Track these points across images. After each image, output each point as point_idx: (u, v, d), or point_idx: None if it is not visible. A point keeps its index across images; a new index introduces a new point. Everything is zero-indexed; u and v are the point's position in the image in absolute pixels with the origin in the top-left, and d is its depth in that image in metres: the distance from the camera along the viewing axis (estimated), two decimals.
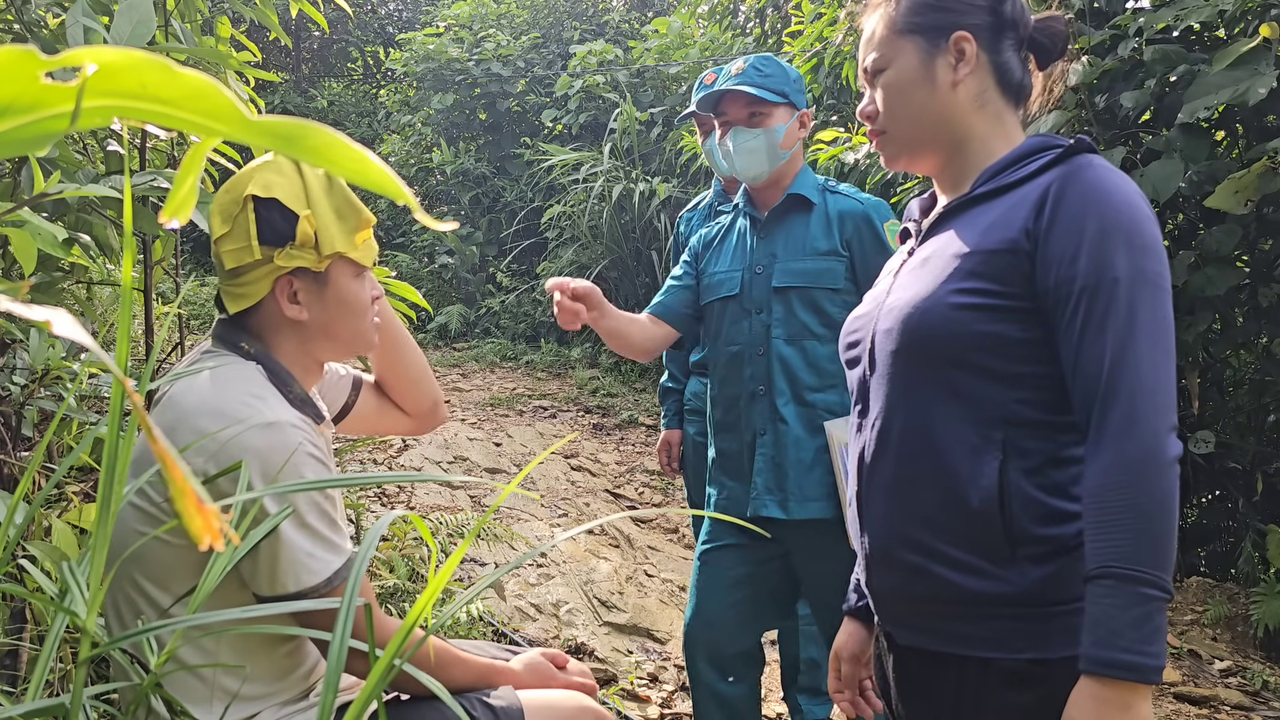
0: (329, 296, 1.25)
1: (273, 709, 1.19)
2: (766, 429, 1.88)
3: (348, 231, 1.24)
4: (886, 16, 1.16)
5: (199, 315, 7.09)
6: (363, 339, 1.31)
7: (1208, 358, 3.74)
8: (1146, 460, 0.92)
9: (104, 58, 0.31)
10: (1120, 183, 1.01)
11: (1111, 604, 0.90)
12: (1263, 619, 3.38)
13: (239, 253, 1.20)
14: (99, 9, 1.73)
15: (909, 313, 1.08)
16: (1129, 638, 0.89)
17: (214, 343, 1.26)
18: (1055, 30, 1.16)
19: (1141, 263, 0.97)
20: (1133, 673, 0.89)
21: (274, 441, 1.11)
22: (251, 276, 1.21)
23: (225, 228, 1.21)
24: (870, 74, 1.18)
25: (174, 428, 1.13)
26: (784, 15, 7.03)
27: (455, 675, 1.27)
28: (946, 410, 1.05)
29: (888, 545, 1.12)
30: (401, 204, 0.36)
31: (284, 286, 1.23)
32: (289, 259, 1.20)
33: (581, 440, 5.89)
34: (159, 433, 0.34)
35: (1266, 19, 2.87)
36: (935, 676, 1.10)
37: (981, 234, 1.06)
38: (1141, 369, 0.94)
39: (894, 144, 1.18)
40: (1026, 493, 1.01)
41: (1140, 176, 2.99)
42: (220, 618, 0.88)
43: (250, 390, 1.17)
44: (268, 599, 1.13)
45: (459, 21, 11.09)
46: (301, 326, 1.25)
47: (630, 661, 3.02)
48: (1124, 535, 0.91)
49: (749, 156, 1.91)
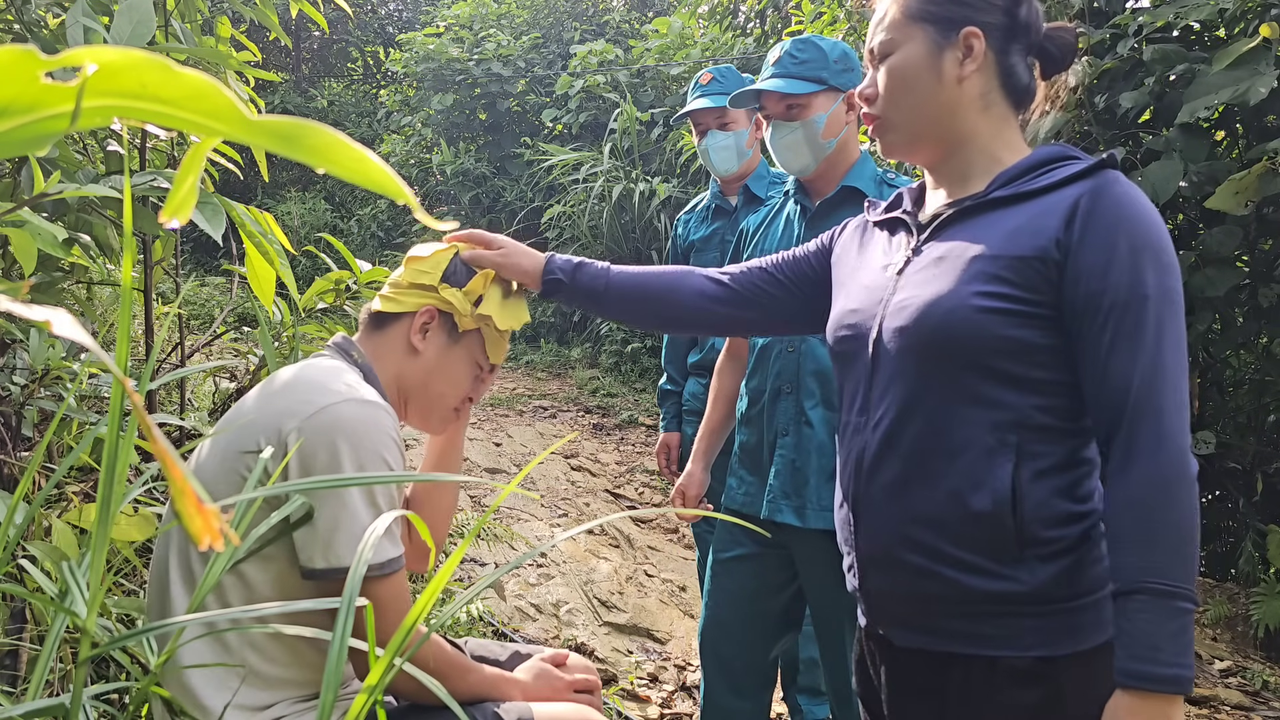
0: (448, 353, 1.41)
1: (287, 703, 1.19)
2: (789, 429, 1.81)
3: (506, 316, 1.44)
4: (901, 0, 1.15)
5: (199, 315, 7.09)
6: (438, 411, 1.44)
7: (1208, 358, 3.74)
8: (1175, 477, 0.94)
9: (104, 58, 0.31)
10: (1145, 202, 1.03)
11: (1150, 619, 0.92)
12: (1263, 619, 3.38)
13: (421, 276, 1.39)
14: (99, 9, 1.73)
15: (928, 312, 1.06)
16: (1169, 651, 0.91)
17: (329, 350, 1.37)
18: (1065, 41, 1.15)
19: (1167, 281, 0.99)
20: (1173, 685, 0.91)
21: (368, 416, 1.17)
22: (412, 291, 1.39)
23: (426, 255, 1.41)
24: (876, 56, 1.17)
25: (277, 393, 1.21)
26: (784, 15, 7.03)
27: (470, 683, 1.28)
28: (961, 412, 1.04)
29: (888, 546, 1.10)
30: (402, 204, 0.36)
31: (426, 315, 1.39)
32: (449, 295, 1.39)
33: (581, 440, 5.89)
34: (158, 433, 0.34)
35: (1266, 19, 2.87)
36: (936, 677, 1.09)
37: (1006, 238, 1.05)
38: (1171, 387, 0.96)
39: (893, 131, 1.17)
40: (1038, 496, 1.02)
41: (1140, 177, 2.99)
42: (230, 614, 0.88)
43: (356, 379, 1.27)
44: (318, 572, 1.13)
45: (459, 22, 11.09)
46: (410, 361, 1.39)
47: (630, 661, 3.02)
48: (1157, 551, 0.93)
49: (788, 152, 1.84)
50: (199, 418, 2.26)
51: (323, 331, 2.18)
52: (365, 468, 1.14)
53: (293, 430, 1.14)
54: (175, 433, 2.13)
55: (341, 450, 1.13)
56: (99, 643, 0.78)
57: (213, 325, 3.15)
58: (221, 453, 1.20)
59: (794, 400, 1.81)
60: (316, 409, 1.15)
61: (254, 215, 1.66)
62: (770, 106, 1.86)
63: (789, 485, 1.80)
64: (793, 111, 1.81)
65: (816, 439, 1.78)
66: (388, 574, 1.16)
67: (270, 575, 1.16)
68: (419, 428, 1.46)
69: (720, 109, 2.46)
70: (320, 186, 12.11)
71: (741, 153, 2.50)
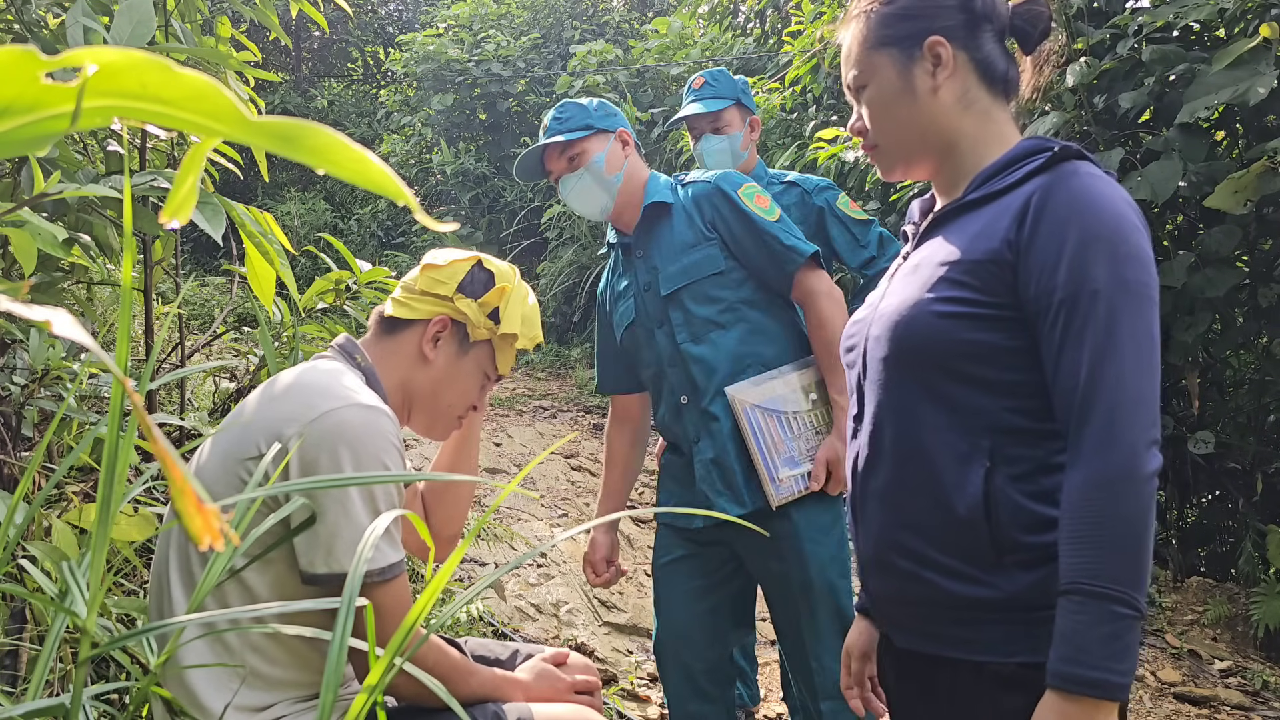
0: (458, 363, 1.41)
1: (287, 703, 1.20)
2: (699, 435, 1.85)
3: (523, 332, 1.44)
4: (859, 33, 1.15)
5: (199, 315, 7.08)
6: (444, 420, 1.45)
7: (1208, 358, 3.74)
8: (1122, 477, 0.91)
9: (104, 58, 0.32)
10: (1106, 190, 0.99)
11: (1080, 620, 0.90)
12: (1263, 619, 3.38)
13: (436, 284, 1.39)
14: (99, 9, 1.73)
15: (896, 320, 1.08)
16: (1096, 654, 0.89)
17: (331, 351, 1.36)
18: (1035, 13, 1.13)
19: (1124, 273, 0.95)
20: (1098, 689, 0.89)
21: (369, 421, 1.17)
22: (426, 299, 1.39)
23: (443, 263, 1.41)
24: (853, 90, 1.18)
25: (278, 397, 1.20)
26: (784, 15, 7.03)
27: (472, 686, 1.28)
28: (934, 418, 1.05)
29: (882, 550, 1.12)
30: (401, 204, 0.36)
31: (438, 325, 1.39)
32: (464, 306, 1.39)
33: (581, 440, 5.89)
34: (158, 433, 0.34)
35: (1266, 19, 2.87)
36: (931, 679, 1.10)
37: (968, 242, 1.05)
38: (1122, 381, 0.93)
39: (886, 156, 1.18)
40: (1014, 500, 1.01)
41: (1139, 177, 2.99)
42: (230, 614, 0.88)
43: (357, 383, 1.26)
44: (320, 577, 1.13)
45: (459, 22, 11.09)
46: (420, 369, 1.39)
47: (630, 661, 3.02)
48: (1095, 552, 0.91)
49: (584, 199, 1.91)
50: (199, 418, 2.26)
51: (323, 331, 2.19)
52: (366, 472, 1.14)
53: (293, 436, 1.14)
54: (175, 433, 2.13)
55: (342, 455, 1.13)
56: (99, 643, 0.78)
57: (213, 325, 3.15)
58: (222, 455, 1.20)
59: (694, 407, 1.86)
60: (318, 414, 1.15)
61: (254, 215, 1.66)
62: (554, 166, 1.92)
63: (719, 483, 1.83)
64: (575, 161, 1.89)
65: (725, 428, 1.82)
66: (389, 579, 1.16)
67: (268, 578, 1.16)
68: (422, 434, 1.46)
69: (714, 113, 2.48)
70: (320, 186, 12.10)
71: (737, 155, 2.51)
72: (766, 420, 1.79)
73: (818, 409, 1.83)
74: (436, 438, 1.48)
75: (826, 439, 1.81)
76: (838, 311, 1.83)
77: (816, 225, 2.48)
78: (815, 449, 1.81)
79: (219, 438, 1.23)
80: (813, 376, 1.85)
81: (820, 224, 2.47)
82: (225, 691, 1.15)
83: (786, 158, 5.24)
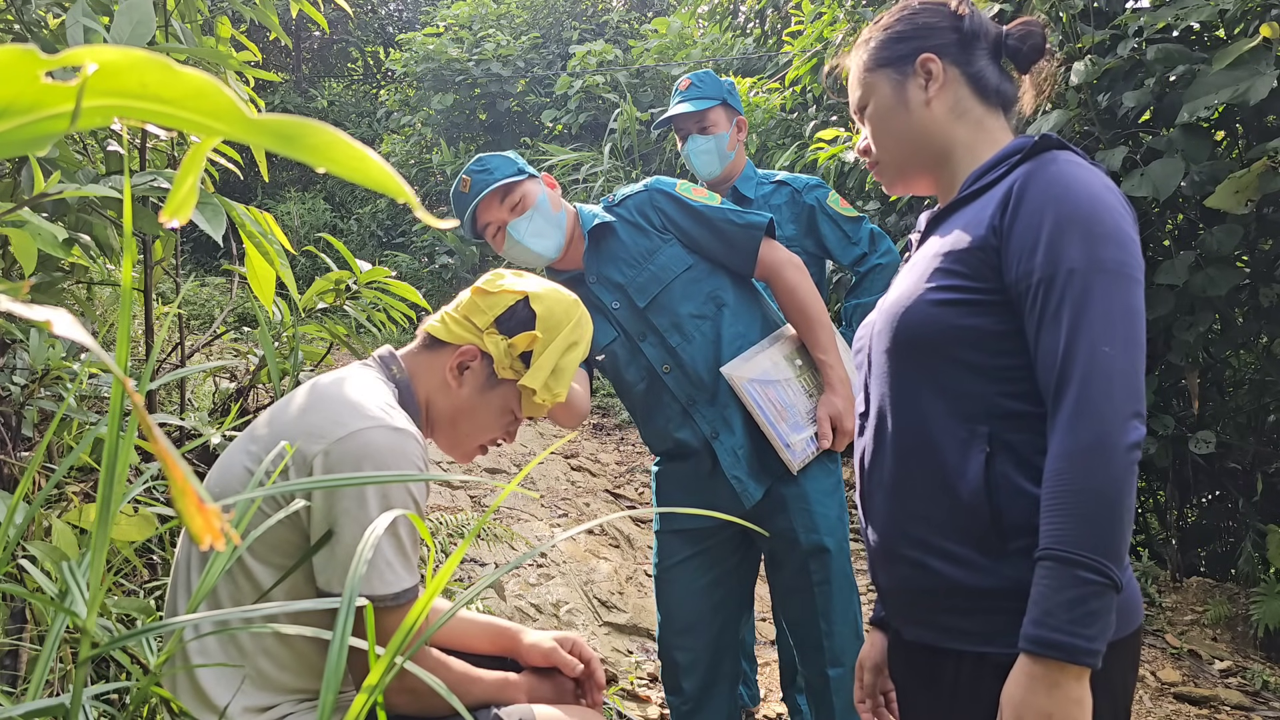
0: (482, 396, 1.38)
1: (289, 703, 1.20)
2: (717, 429, 1.87)
3: (545, 387, 1.39)
4: (859, 59, 1.24)
5: (199, 315, 7.09)
6: (462, 448, 1.42)
7: (1208, 358, 3.74)
8: (1093, 448, 0.93)
9: (104, 57, 0.31)
10: (1083, 175, 1.03)
11: (1048, 585, 0.92)
12: (1263, 619, 3.38)
13: (477, 311, 1.37)
14: (99, 9, 1.73)
15: (895, 312, 1.12)
16: (1060, 618, 0.91)
17: (373, 360, 1.36)
18: (1028, 34, 1.19)
19: (1099, 252, 0.98)
20: (1061, 652, 0.90)
21: (396, 445, 1.16)
22: (463, 325, 1.37)
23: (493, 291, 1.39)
24: (858, 112, 1.25)
25: (310, 407, 1.19)
26: (784, 15, 7.03)
27: (474, 695, 1.28)
28: (934, 406, 1.08)
29: (890, 542, 1.14)
30: (402, 202, 0.36)
31: (467, 355, 1.36)
32: (494, 343, 1.36)
33: (581, 440, 5.89)
34: (158, 433, 0.34)
35: (1266, 19, 2.86)
36: (936, 670, 1.12)
37: (959, 233, 1.09)
38: (1094, 355, 0.95)
39: (888, 171, 1.24)
40: (1015, 484, 1.03)
41: (1141, 176, 2.99)
42: (234, 614, 0.88)
43: (390, 401, 1.24)
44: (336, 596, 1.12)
45: (459, 22, 11.09)
46: (443, 393, 1.37)
47: (630, 661, 3.02)
48: (1066, 520, 0.93)
49: (537, 240, 1.89)
50: (199, 418, 2.25)
51: (322, 332, 2.18)
52: (389, 496, 1.14)
53: (319, 453, 1.13)
54: (175, 433, 2.13)
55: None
56: (99, 643, 0.78)
57: (213, 325, 3.15)
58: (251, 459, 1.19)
59: (704, 401, 1.88)
60: (346, 432, 1.15)
61: (254, 215, 1.66)
62: (493, 217, 1.89)
63: (755, 468, 1.86)
64: (519, 206, 1.87)
65: (738, 411, 1.86)
66: (402, 604, 1.15)
67: (284, 588, 1.16)
68: (444, 451, 1.45)
69: (700, 113, 2.49)
70: (320, 186, 12.10)
71: (724, 156, 2.52)
72: (765, 391, 1.83)
73: (804, 373, 1.88)
74: (457, 460, 1.46)
75: (822, 397, 1.87)
76: (802, 277, 1.89)
77: (807, 223, 2.49)
78: (813, 410, 1.86)
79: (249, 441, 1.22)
80: (792, 344, 1.90)
81: (811, 222, 2.48)
82: (233, 689, 1.15)
83: (786, 158, 5.24)
